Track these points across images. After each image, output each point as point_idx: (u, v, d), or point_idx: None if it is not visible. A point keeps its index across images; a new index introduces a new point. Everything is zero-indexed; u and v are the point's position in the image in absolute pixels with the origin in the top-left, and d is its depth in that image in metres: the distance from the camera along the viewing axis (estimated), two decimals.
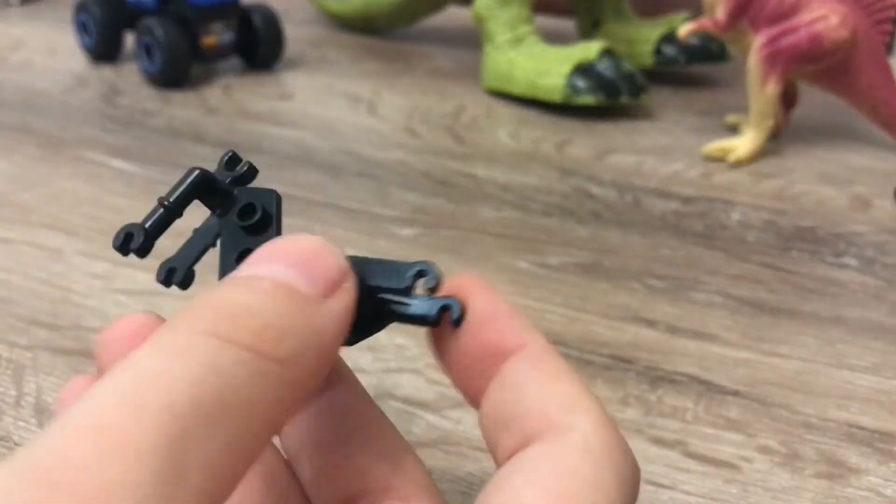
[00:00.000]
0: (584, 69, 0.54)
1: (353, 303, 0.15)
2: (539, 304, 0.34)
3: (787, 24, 0.46)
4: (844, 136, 0.52)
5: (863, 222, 0.42)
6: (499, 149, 0.50)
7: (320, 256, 0.15)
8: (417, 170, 0.46)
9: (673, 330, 0.32)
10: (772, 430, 0.27)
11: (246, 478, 0.18)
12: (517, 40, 0.57)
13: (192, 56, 0.58)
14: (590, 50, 0.54)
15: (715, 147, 0.49)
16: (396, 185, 0.45)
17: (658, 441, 0.27)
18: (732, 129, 0.52)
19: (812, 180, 0.46)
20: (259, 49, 0.61)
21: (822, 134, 0.53)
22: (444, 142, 0.51)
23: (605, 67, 0.54)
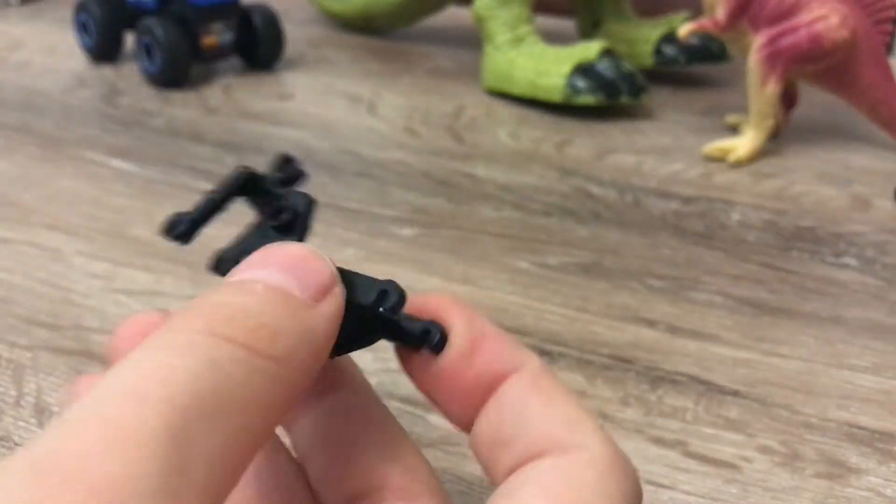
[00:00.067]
0: (584, 69, 0.54)
1: (341, 308, 0.15)
2: (539, 304, 0.34)
3: (787, 24, 0.46)
4: (844, 136, 0.52)
5: (863, 222, 0.42)
6: (499, 149, 0.50)
7: (311, 262, 0.15)
8: (417, 170, 0.46)
9: (673, 330, 0.32)
10: (772, 430, 0.27)
11: (253, 475, 0.18)
12: (517, 40, 0.57)
13: (192, 56, 0.58)
14: (590, 50, 0.54)
15: (715, 147, 0.49)
16: (396, 185, 0.45)
17: (658, 441, 0.27)
18: (732, 129, 0.52)
19: (812, 180, 0.46)
20: (259, 49, 0.61)
21: (822, 134, 0.53)
22: (444, 142, 0.51)
23: (605, 67, 0.54)
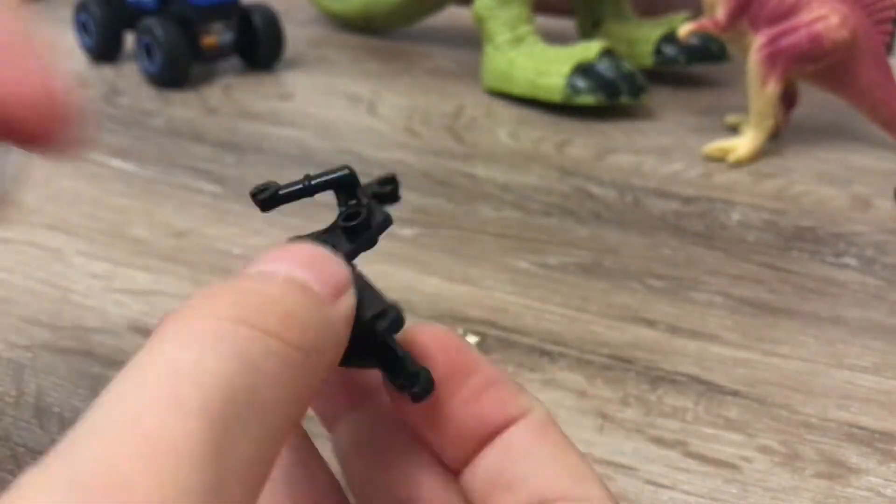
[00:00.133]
0: (584, 69, 0.54)
1: (354, 310, 0.15)
2: (539, 304, 0.34)
3: (787, 24, 0.46)
4: (844, 136, 0.52)
5: (863, 222, 0.42)
6: (499, 149, 0.50)
7: (327, 260, 0.15)
8: (417, 170, 0.46)
9: (673, 330, 0.32)
10: (772, 430, 0.27)
11: (286, 482, 0.18)
12: (517, 40, 0.57)
13: (192, 56, 0.58)
14: (590, 50, 0.54)
15: (715, 147, 0.49)
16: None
17: (658, 441, 0.27)
18: (732, 129, 0.52)
19: (812, 180, 0.46)
20: (259, 49, 0.61)
21: (822, 134, 0.53)
22: (444, 142, 0.51)
23: (605, 67, 0.54)
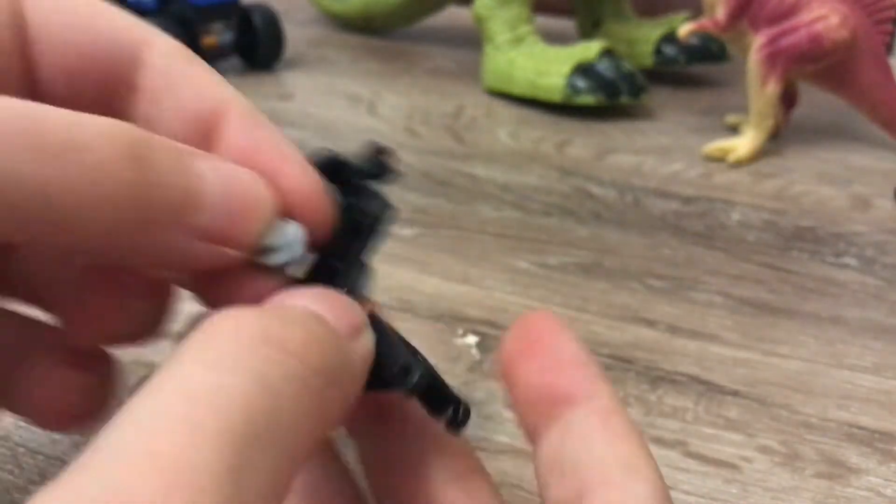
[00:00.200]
0: (584, 69, 0.54)
1: (371, 351, 0.15)
2: (539, 304, 0.34)
3: (787, 24, 0.46)
4: (844, 136, 0.52)
5: (863, 222, 0.42)
6: (499, 149, 0.50)
7: (340, 301, 0.15)
8: (417, 170, 0.46)
9: (673, 330, 0.32)
10: (772, 430, 0.27)
11: (311, 487, 0.18)
12: (517, 40, 0.57)
13: None
14: (590, 50, 0.54)
15: (715, 147, 0.49)
16: (396, 184, 0.45)
17: (658, 441, 0.27)
18: (732, 129, 0.52)
19: (812, 180, 0.46)
20: (259, 49, 0.61)
21: (822, 134, 0.53)
22: (444, 142, 0.51)
23: (605, 67, 0.54)
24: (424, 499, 0.17)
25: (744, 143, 0.48)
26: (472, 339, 0.31)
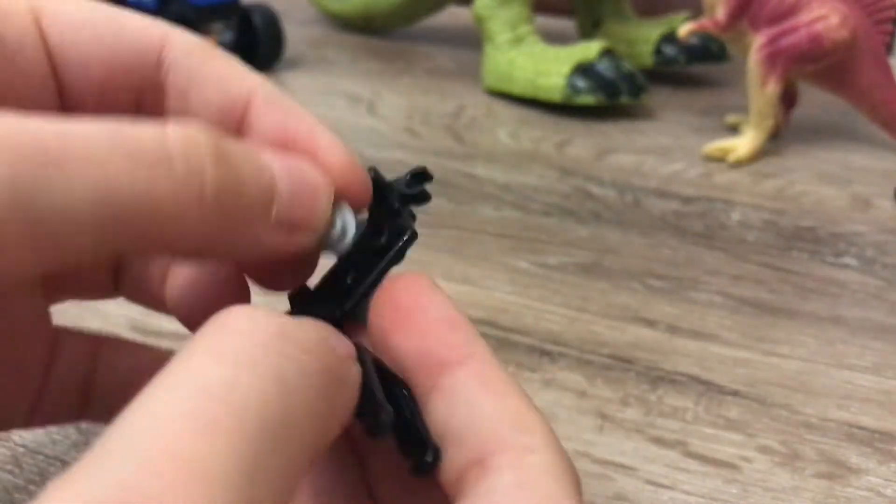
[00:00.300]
0: (584, 69, 0.54)
1: (358, 379, 0.15)
2: (539, 304, 0.34)
3: (787, 24, 0.46)
4: (844, 136, 0.52)
5: (863, 222, 0.42)
6: (499, 149, 0.50)
7: (332, 334, 0.15)
8: None
9: (673, 330, 0.32)
10: (772, 430, 0.27)
11: (324, 487, 0.18)
12: (517, 40, 0.57)
13: None
14: (590, 50, 0.54)
15: (715, 147, 0.49)
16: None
17: (658, 441, 0.27)
18: (732, 129, 0.52)
19: (812, 180, 0.46)
20: (259, 49, 0.61)
21: (822, 134, 0.53)
22: (444, 142, 0.51)
23: (605, 67, 0.54)
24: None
25: (744, 143, 0.48)
26: None
